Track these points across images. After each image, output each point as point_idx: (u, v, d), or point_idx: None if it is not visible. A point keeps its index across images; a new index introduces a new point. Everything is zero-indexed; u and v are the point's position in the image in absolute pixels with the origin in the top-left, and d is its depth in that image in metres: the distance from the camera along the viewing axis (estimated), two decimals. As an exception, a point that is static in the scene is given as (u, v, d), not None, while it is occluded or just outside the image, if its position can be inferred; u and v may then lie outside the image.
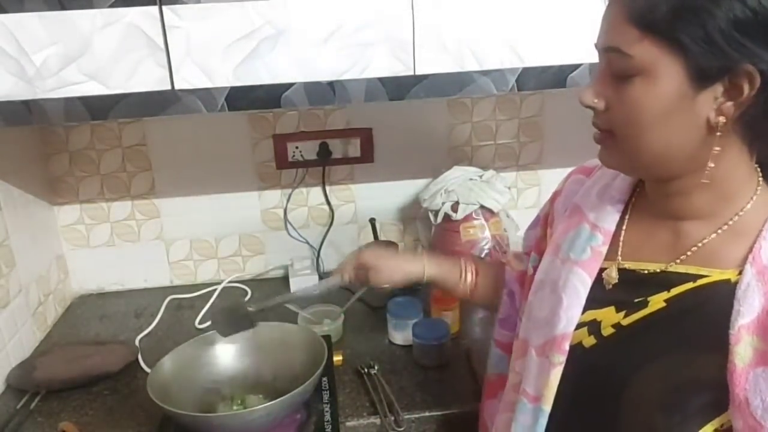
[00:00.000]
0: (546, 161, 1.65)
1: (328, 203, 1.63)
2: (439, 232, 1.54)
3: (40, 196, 1.50)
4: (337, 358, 1.23)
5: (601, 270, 0.76)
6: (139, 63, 1.06)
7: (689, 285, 0.69)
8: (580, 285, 0.75)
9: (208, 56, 1.07)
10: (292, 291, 1.55)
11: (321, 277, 1.59)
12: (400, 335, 1.30)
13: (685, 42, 0.60)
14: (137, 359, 1.30)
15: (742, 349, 0.63)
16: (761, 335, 0.63)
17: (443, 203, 1.50)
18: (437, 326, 1.25)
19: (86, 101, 1.07)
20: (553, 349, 0.76)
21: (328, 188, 1.62)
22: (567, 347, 0.75)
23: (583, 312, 0.75)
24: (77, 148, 1.52)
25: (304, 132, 1.56)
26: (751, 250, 0.66)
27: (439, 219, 1.52)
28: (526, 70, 1.14)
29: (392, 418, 1.08)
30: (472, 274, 1.03)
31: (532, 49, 1.12)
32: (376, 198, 1.64)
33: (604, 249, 0.76)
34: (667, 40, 0.61)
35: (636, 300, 0.72)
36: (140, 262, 1.62)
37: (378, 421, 1.09)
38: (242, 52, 1.07)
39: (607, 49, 0.66)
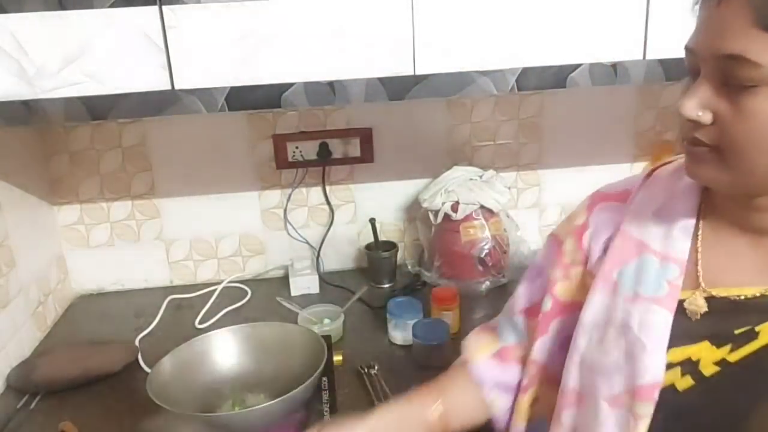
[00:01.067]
0: (546, 161, 1.66)
1: (328, 203, 1.63)
2: (439, 232, 1.54)
3: (40, 196, 1.50)
4: (337, 358, 1.23)
5: (680, 302, 0.68)
6: (139, 63, 1.06)
7: None
8: (662, 324, 0.67)
9: (208, 56, 1.07)
10: (291, 292, 1.55)
11: (321, 277, 1.59)
12: (400, 335, 1.30)
13: None
14: (137, 359, 1.30)
15: None
16: None
17: (443, 203, 1.50)
18: (437, 326, 1.25)
19: (86, 101, 1.08)
20: (636, 399, 0.66)
21: (328, 188, 1.62)
22: (657, 395, 0.66)
23: (669, 350, 0.67)
24: (77, 148, 1.52)
25: (304, 132, 1.56)
26: None
27: (439, 219, 1.52)
28: (526, 70, 1.14)
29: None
30: (437, 406, 0.85)
31: (532, 49, 1.12)
32: (376, 198, 1.64)
33: (681, 280, 0.68)
34: None
35: (738, 331, 0.64)
36: (140, 262, 1.62)
37: (378, 421, 1.09)
38: (242, 52, 1.07)
39: (726, 56, 0.57)
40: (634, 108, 1.63)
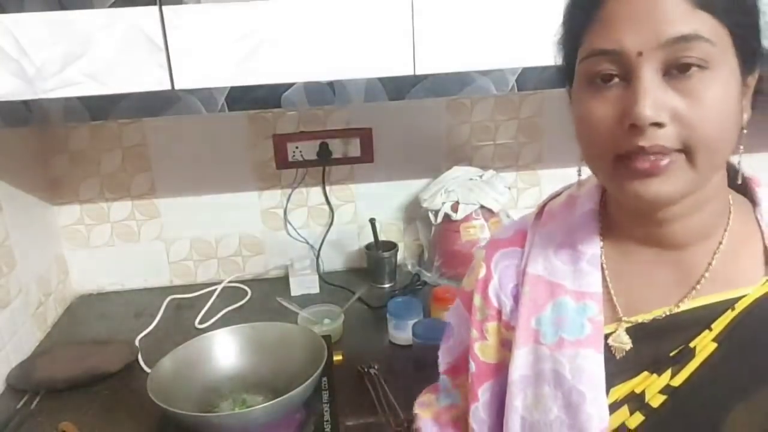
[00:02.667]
0: (546, 161, 1.65)
1: (328, 203, 1.63)
2: (439, 232, 1.54)
3: (40, 196, 1.50)
4: (337, 358, 1.23)
5: (605, 336, 0.65)
6: (139, 63, 1.06)
7: (729, 314, 0.60)
8: (594, 366, 0.63)
9: (208, 56, 1.07)
10: (291, 292, 1.55)
11: (321, 277, 1.59)
12: (400, 335, 1.30)
13: (737, 25, 0.55)
14: (137, 359, 1.30)
15: None
16: None
17: (443, 203, 1.50)
18: (437, 326, 1.24)
19: (86, 101, 1.08)
20: None
21: (328, 188, 1.62)
22: None
23: (609, 390, 0.63)
24: (77, 148, 1.52)
25: (304, 132, 1.56)
26: (766, 254, 0.61)
27: (439, 219, 1.52)
28: (526, 70, 1.14)
29: (392, 418, 1.08)
30: None
31: (532, 49, 1.12)
32: (376, 198, 1.64)
33: (602, 316, 0.65)
34: (724, 22, 0.55)
35: (673, 353, 0.62)
36: (140, 262, 1.62)
37: (378, 421, 1.09)
38: (242, 52, 1.07)
39: (679, 38, 0.53)
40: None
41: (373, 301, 1.47)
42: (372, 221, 1.57)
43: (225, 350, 1.16)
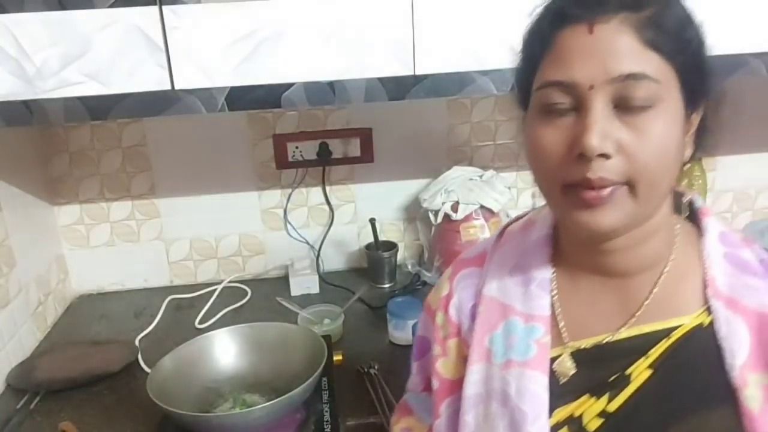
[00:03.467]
0: (546, 161, 1.65)
1: (328, 203, 1.63)
2: (439, 232, 1.54)
3: (40, 196, 1.50)
4: (337, 358, 1.23)
5: (552, 359, 0.66)
6: (139, 63, 1.06)
7: (665, 343, 0.62)
8: (539, 388, 0.64)
9: (208, 56, 1.07)
10: (291, 292, 1.55)
11: (321, 277, 1.59)
12: (400, 335, 1.30)
13: (683, 66, 0.58)
14: (137, 359, 1.30)
15: (752, 391, 0.58)
16: (765, 369, 0.58)
17: (443, 203, 1.50)
18: (437, 326, 1.24)
19: (86, 101, 1.08)
20: None
21: (328, 188, 1.62)
22: None
23: (551, 412, 0.64)
24: (77, 148, 1.52)
25: (304, 132, 1.56)
26: (705, 285, 0.62)
27: (439, 219, 1.52)
28: (526, 70, 1.14)
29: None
30: None
31: (532, 49, 1.12)
32: (376, 198, 1.64)
33: (548, 339, 0.67)
34: (671, 62, 0.57)
35: (612, 379, 0.63)
36: (140, 262, 1.62)
37: (378, 421, 1.09)
38: (242, 52, 1.07)
39: (626, 77, 0.55)
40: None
41: (373, 301, 1.47)
42: (372, 221, 1.57)
43: (225, 350, 1.16)
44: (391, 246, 1.59)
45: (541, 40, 0.61)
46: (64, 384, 1.21)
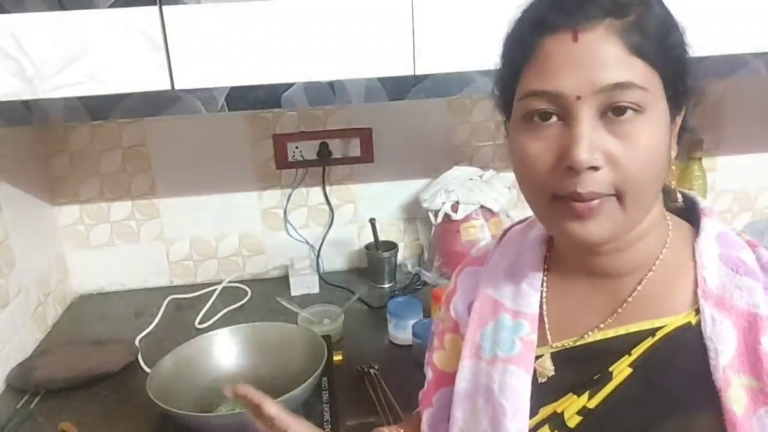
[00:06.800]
0: (546, 161, 1.65)
1: (328, 203, 1.63)
2: (439, 232, 1.54)
3: (40, 196, 1.50)
4: (337, 358, 1.23)
5: (536, 357, 0.67)
6: (139, 63, 1.06)
7: (649, 341, 0.62)
8: (520, 384, 0.65)
9: (208, 56, 1.07)
10: (291, 292, 1.55)
11: (321, 277, 1.59)
12: (400, 335, 1.30)
13: (668, 71, 0.58)
14: (137, 359, 1.30)
15: (735, 393, 0.56)
16: (750, 372, 0.57)
17: (443, 203, 1.50)
18: (437, 326, 1.25)
19: (86, 101, 1.08)
20: None
21: (328, 188, 1.62)
22: None
23: (537, 410, 0.64)
24: (77, 148, 1.52)
25: (304, 132, 1.56)
26: (696, 285, 0.62)
27: (439, 219, 1.52)
28: (526, 70, 1.14)
29: (392, 418, 1.08)
30: None
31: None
32: (376, 198, 1.64)
33: (534, 336, 0.67)
34: (656, 68, 0.57)
35: (595, 376, 0.63)
36: (140, 262, 1.62)
37: (378, 421, 1.09)
38: (242, 52, 1.07)
39: (614, 86, 0.55)
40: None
41: (373, 301, 1.48)
42: (372, 221, 1.57)
43: (225, 350, 1.16)
44: (391, 246, 1.59)
45: (522, 48, 0.59)
46: (64, 384, 1.21)
